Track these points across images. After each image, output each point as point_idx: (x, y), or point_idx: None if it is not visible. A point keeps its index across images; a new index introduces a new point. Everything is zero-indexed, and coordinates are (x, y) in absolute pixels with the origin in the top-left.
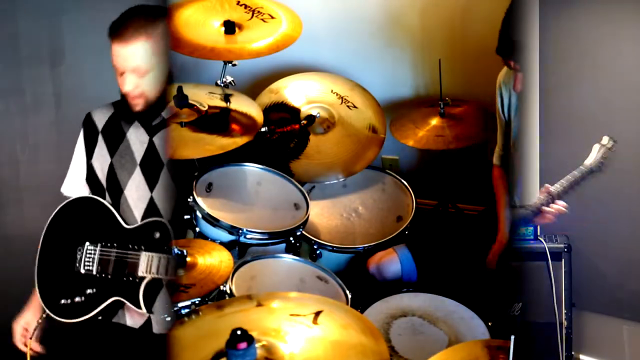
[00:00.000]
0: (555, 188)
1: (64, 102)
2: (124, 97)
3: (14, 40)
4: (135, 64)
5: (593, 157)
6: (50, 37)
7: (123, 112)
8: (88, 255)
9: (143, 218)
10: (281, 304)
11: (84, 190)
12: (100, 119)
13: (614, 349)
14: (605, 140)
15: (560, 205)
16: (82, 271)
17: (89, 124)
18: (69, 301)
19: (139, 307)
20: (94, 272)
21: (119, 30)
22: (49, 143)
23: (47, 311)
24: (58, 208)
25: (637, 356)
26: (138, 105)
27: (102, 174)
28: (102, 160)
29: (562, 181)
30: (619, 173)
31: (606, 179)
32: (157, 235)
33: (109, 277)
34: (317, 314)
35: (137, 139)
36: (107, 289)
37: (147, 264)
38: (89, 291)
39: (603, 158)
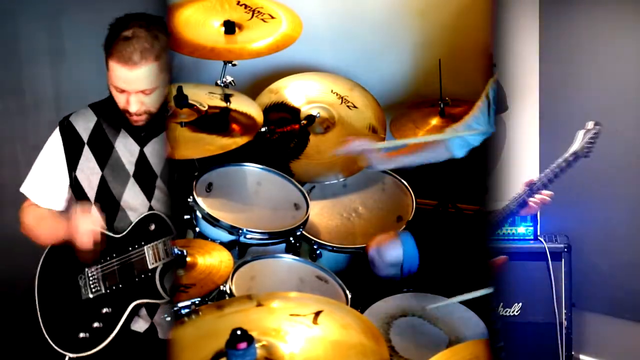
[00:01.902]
0: (538, 178)
1: (64, 102)
2: (107, 101)
3: (14, 40)
4: (143, 87)
5: (578, 142)
6: (50, 37)
7: (107, 120)
8: (92, 279)
9: None
10: (281, 304)
11: (62, 200)
12: (84, 128)
13: (614, 349)
14: (590, 125)
15: (544, 194)
16: (91, 296)
17: (70, 132)
18: (87, 334)
19: (161, 298)
20: (104, 291)
21: (123, 53)
22: None
23: (67, 354)
24: (46, 251)
25: (637, 356)
26: (141, 121)
27: (89, 186)
28: (89, 172)
29: (547, 170)
30: (619, 172)
31: (606, 179)
32: (153, 226)
33: (120, 287)
34: (317, 314)
35: (126, 149)
36: (123, 299)
37: (154, 254)
38: (105, 310)
39: (589, 143)
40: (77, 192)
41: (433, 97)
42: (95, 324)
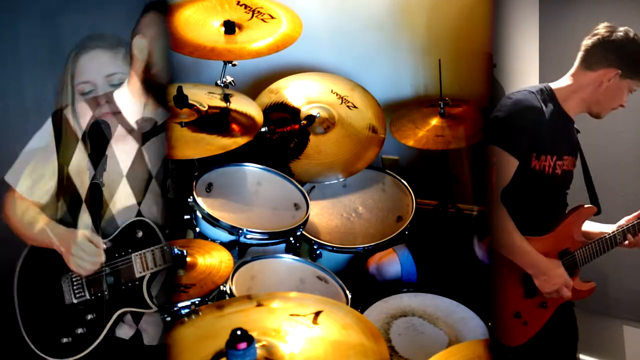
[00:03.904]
0: None
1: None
2: None
3: (14, 40)
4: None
5: None
6: (50, 37)
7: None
8: (76, 284)
9: None
10: (281, 304)
11: (47, 194)
12: (80, 125)
13: (614, 349)
14: None
15: None
16: (75, 301)
17: (62, 124)
18: (70, 339)
19: (148, 307)
20: (88, 297)
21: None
22: None
23: (50, 359)
24: (27, 250)
25: (637, 356)
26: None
27: (81, 185)
28: (82, 170)
29: None
30: (618, 172)
31: (606, 179)
32: (140, 234)
33: (106, 294)
34: (317, 314)
35: (122, 148)
36: (109, 307)
37: (141, 263)
38: (89, 317)
39: None
40: (66, 188)
41: (433, 97)
42: (79, 330)
